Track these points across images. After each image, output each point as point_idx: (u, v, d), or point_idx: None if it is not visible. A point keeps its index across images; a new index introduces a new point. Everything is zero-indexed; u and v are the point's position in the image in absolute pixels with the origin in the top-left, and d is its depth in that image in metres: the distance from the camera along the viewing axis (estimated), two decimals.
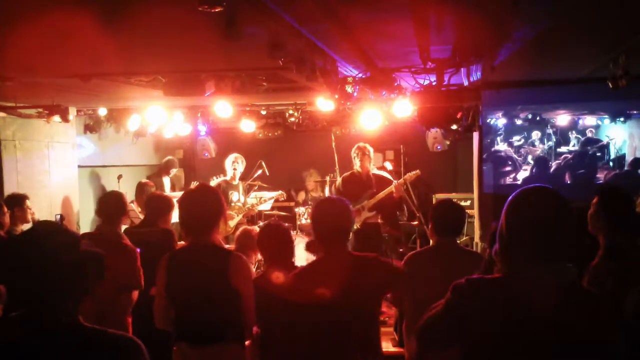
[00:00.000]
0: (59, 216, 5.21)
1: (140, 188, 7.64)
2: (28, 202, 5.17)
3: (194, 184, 7.18)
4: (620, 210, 2.95)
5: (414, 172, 6.36)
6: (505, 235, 1.79)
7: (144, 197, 6.81)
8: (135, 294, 3.90)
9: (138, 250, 4.31)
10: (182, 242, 4.23)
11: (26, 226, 5.06)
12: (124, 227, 4.42)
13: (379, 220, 6.28)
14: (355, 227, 6.13)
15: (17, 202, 5.08)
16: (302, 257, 5.42)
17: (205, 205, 3.04)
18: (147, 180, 7.94)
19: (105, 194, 4.19)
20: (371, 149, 6.32)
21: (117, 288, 3.70)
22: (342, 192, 6.22)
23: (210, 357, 2.91)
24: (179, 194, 7.29)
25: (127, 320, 3.95)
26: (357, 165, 6.28)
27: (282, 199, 7.55)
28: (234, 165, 7.03)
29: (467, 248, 4.02)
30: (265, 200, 7.32)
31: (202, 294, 2.91)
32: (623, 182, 8.05)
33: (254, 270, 4.27)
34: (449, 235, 3.51)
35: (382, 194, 6.12)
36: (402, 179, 6.39)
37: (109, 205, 4.04)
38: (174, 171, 8.82)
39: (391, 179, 6.78)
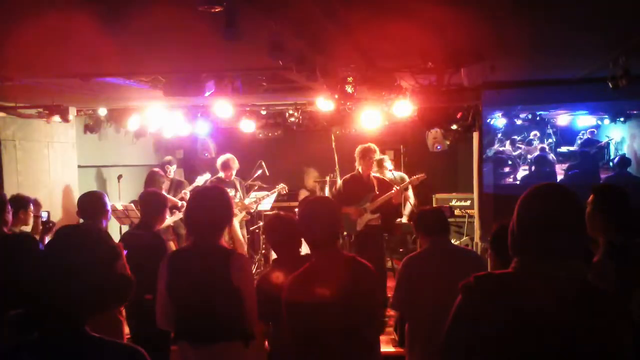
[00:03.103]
0: (46, 213, 5.02)
1: (151, 177, 7.48)
2: (32, 207, 5.07)
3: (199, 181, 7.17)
4: (617, 207, 2.93)
5: (418, 175, 6.29)
6: (517, 231, 1.80)
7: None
8: None
9: (125, 251, 4.29)
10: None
11: (25, 228, 4.99)
12: (125, 229, 4.39)
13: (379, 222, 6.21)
14: (358, 230, 6.11)
15: (22, 204, 4.86)
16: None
17: (215, 207, 2.99)
18: (157, 170, 7.70)
19: (84, 195, 4.10)
20: (377, 150, 6.17)
21: None
22: (342, 193, 6.16)
23: (212, 356, 2.91)
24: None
25: (119, 315, 3.94)
26: (361, 166, 6.13)
27: (284, 192, 7.51)
28: (229, 164, 7.04)
29: (460, 246, 4.07)
30: (263, 198, 7.30)
31: (203, 293, 2.90)
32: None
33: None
34: (439, 233, 3.63)
35: (384, 197, 6.01)
36: (405, 183, 6.34)
37: (88, 205, 4.01)
38: (172, 169, 7.83)
39: (396, 179, 6.73)
